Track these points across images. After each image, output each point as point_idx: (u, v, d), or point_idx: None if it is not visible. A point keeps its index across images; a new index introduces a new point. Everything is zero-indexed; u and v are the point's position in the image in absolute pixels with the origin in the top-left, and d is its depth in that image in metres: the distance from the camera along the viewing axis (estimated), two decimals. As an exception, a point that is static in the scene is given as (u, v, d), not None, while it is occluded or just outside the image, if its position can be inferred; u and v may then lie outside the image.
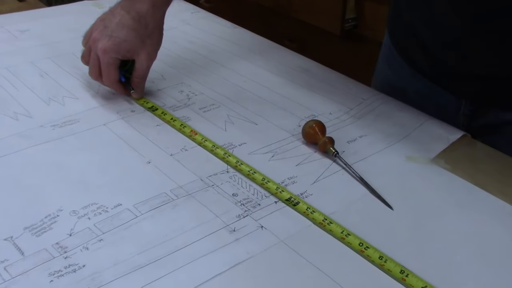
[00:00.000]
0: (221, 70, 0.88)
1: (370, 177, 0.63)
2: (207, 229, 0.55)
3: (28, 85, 0.82)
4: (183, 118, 0.74)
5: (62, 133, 0.70)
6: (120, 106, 0.77)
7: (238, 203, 0.59)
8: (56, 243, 0.53)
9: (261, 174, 0.63)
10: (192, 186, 0.61)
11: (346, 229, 0.55)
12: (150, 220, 0.56)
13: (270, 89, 0.83)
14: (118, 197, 0.59)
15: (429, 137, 0.72)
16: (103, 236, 0.54)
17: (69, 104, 0.77)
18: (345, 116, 0.76)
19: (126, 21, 0.73)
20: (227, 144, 0.69)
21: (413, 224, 0.57)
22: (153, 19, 0.74)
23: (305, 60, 0.92)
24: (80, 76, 0.84)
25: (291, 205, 0.58)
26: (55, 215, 0.56)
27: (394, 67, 0.86)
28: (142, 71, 0.76)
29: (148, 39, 0.74)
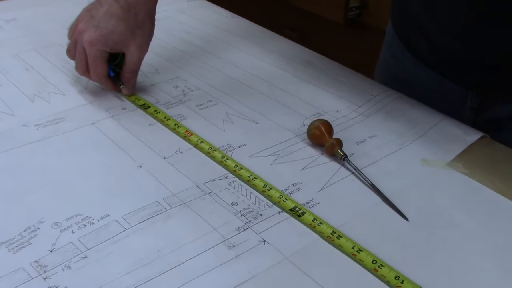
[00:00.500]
0: (219, 63, 0.82)
1: (382, 183, 0.58)
2: (203, 244, 0.49)
3: (12, 80, 0.76)
4: (178, 116, 0.69)
5: (46, 134, 0.64)
6: (110, 103, 0.71)
7: (238, 214, 0.53)
8: (35, 261, 0.47)
9: (263, 180, 0.57)
10: (187, 194, 0.55)
11: (358, 244, 0.50)
12: (140, 234, 0.50)
13: (272, 83, 0.77)
14: (105, 207, 0.53)
15: (445, 138, 0.66)
16: (88, 252, 0.48)
17: (55, 100, 0.71)
18: (353, 114, 0.70)
19: (115, 10, 0.67)
20: (226, 146, 0.63)
21: (430, 237, 0.52)
22: (144, 8, 0.68)
23: (308, 52, 0.87)
24: (68, 70, 0.78)
25: (296, 216, 0.53)
26: (35, 228, 0.51)
27: (397, 56, 0.81)
28: (133, 65, 0.70)
29: (138, 30, 0.68)
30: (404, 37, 0.79)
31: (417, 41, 0.75)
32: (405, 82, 0.79)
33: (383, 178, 0.59)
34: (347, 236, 0.51)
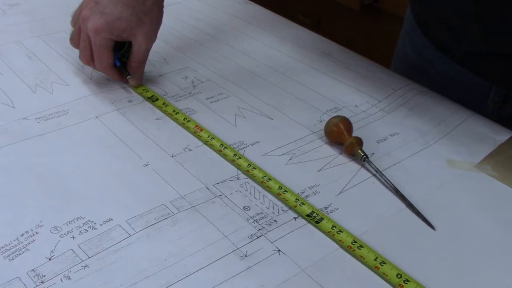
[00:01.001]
0: (231, 53, 0.78)
1: (406, 187, 0.54)
2: (213, 254, 0.46)
3: (13, 69, 0.72)
4: (187, 110, 0.65)
5: (47, 128, 0.61)
6: (116, 95, 0.67)
7: (251, 219, 0.49)
8: (32, 269, 0.44)
9: (277, 182, 0.53)
10: (196, 196, 0.52)
11: (381, 255, 0.46)
12: (145, 241, 0.47)
13: (287, 76, 0.73)
14: (108, 210, 0.50)
15: (472, 137, 0.62)
16: (89, 261, 0.45)
17: (58, 91, 0.68)
18: (373, 110, 0.66)
19: None
20: (238, 143, 0.59)
21: (459, 249, 0.48)
22: None
23: (326, 42, 0.82)
24: (72, 58, 0.74)
25: (313, 223, 0.49)
26: (33, 233, 0.47)
27: (416, 46, 0.76)
28: (140, 54, 0.66)
29: (146, 17, 0.64)
30: (424, 25, 0.74)
31: (439, 29, 0.70)
32: (424, 72, 0.75)
33: (407, 181, 0.54)
34: (369, 246, 0.47)
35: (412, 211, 0.51)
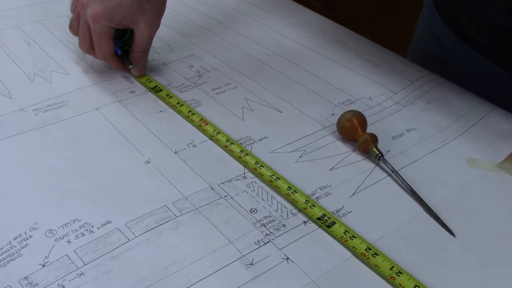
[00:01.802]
0: (238, 40, 0.74)
1: (423, 188, 0.50)
2: (217, 261, 0.43)
3: (11, 56, 0.69)
4: (192, 102, 0.61)
5: (45, 120, 0.58)
6: (118, 85, 0.64)
7: (258, 223, 0.46)
8: (24, 277, 0.41)
9: (287, 182, 0.50)
10: (200, 197, 0.49)
11: (397, 265, 0.43)
12: (145, 247, 0.44)
13: (297, 65, 0.69)
14: (107, 212, 0.47)
15: (493, 133, 0.58)
16: (85, 268, 0.42)
17: (57, 80, 0.64)
18: (388, 102, 0.62)
19: None
20: (245, 138, 0.56)
21: (483, 258, 0.44)
22: None
23: (339, 29, 0.78)
24: (73, 45, 0.71)
25: (325, 227, 0.46)
26: (27, 236, 0.45)
27: (436, 33, 0.72)
28: (143, 43, 0.62)
29: (148, 4, 0.60)
30: (443, 10, 0.70)
31: (460, 16, 0.66)
32: (443, 62, 0.71)
33: (424, 182, 0.51)
34: (385, 254, 0.44)
35: (430, 216, 0.48)
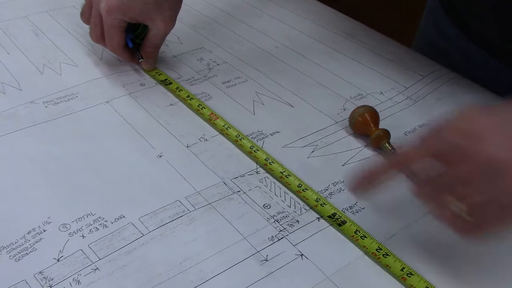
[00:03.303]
0: (248, 32, 0.74)
1: (436, 185, 0.50)
2: (231, 257, 0.43)
3: (20, 47, 0.68)
4: (202, 95, 0.61)
5: (55, 113, 0.57)
6: (128, 77, 0.64)
7: (271, 219, 0.46)
8: (39, 272, 0.41)
9: (297, 179, 0.50)
10: (213, 192, 0.49)
11: (408, 266, 0.42)
12: (159, 242, 0.44)
13: (307, 58, 0.68)
14: (120, 206, 0.47)
15: None
16: (99, 263, 0.42)
17: (67, 73, 0.64)
18: (399, 97, 0.62)
19: None
20: (256, 133, 0.56)
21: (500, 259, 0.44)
22: None
23: (348, 21, 0.77)
24: (82, 36, 0.70)
25: (336, 225, 0.46)
26: (40, 230, 0.45)
27: (439, 24, 0.72)
28: (157, 40, 0.62)
29: (165, 1, 0.59)
30: (445, 2, 0.69)
31: (460, 7, 0.66)
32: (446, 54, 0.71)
33: (437, 178, 0.51)
34: (395, 254, 0.43)
35: (443, 213, 0.48)
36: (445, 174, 0.36)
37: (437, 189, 0.37)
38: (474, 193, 0.34)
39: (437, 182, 0.37)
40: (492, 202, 0.34)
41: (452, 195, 0.35)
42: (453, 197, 0.35)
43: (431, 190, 0.37)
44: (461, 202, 0.35)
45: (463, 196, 0.35)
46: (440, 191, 0.36)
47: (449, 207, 0.36)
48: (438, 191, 0.37)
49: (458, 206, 0.35)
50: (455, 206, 0.35)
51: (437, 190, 0.37)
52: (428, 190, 0.38)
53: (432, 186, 0.37)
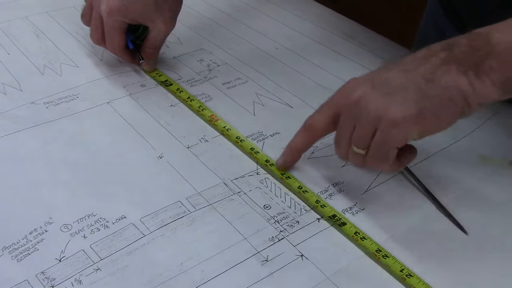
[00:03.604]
0: (248, 33, 0.74)
1: (435, 186, 0.51)
2: (232, 258, 0.43)
3: (20, 48, 0.69)
4: (202, 96, 0.61)
5: (56, 114, 0.58)
6: (128, 78, 0.64)
7: (272, 220, 0.47)
8: (41, 272, 0.41)
9: (297, 180, 0.50)
10: (213, 193, 0.49)
11: (407, 267, 0.43)
12: (160, 242, 0.44)
13: (308, 59, 0.69)
14: (121, 207, 0.47)
15: (505, 130, 0.58)
16: (101, 263, 0.42)
17: (68, 73, 0.64)
18: (399, 98, 0.62)
19: None
20: (256, 134, 0.56)
21: (498, 258, 0.45)
22: None
23: (348, 22, 0.78)
24: (82, 37, 0.71)
25: (336, 226, 0.46)
26: (42, 230, 0.45)
27: (439, 26, 0.72)
28: (157, 41, 0.62)
29: (165, 2, 0.60)
30: (445, 2, 0.70)
31: (459, 8, 0.67)
32: None
33: (436, 180, 0.51)
34: (394, 254, 0.44)
35: (442, 213, 0.48)
36: (339, 130, 0.46)
37: (341, 143, 0.46)
38: (359, 130, 0.44)
39: (338, 139, 0.47)
40: (371, 130, 0.43)
41: (350, 142, 0.45)
42: (351, 143, 0.45)
43: (338, 146, 0.47)
44: (354, 144, 0.45)
45: (354, 137, 0.44)
46: (343, 144, 0.46)
47: (352, 151, 0.45)
48: (342, 145, 0.46)
49: (355, 148, 0.45)
50: (355, 149, 0.45)
51: (341, 144, 0.46)
52: (337, 147, 0.47)
53: (338, 144, 0.47)
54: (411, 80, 0.42)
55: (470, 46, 0.41)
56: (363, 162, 0.45)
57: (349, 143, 0.45)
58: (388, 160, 0.44)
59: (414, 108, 0.41)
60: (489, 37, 0.40)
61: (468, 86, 0.40)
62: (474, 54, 0.40)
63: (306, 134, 0.49)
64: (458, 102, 0.41)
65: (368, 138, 0.43)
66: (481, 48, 0.40)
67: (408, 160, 0.46)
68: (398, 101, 0.41)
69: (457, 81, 0.40)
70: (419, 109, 0.41)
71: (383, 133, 0.42)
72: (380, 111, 0.42)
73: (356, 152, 0.45)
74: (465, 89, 0.40)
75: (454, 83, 0.40)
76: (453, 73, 0.41)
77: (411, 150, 0.47)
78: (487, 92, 0.40)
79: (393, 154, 0.43)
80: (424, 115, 0.41)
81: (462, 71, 0.40)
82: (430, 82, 0.41)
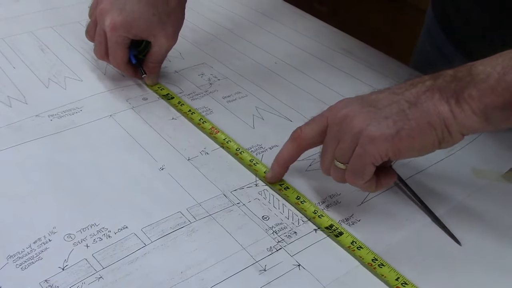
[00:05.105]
0: (248, 48, 0.76)
1: (430, 198, 0.52)
2: (231, 267, 0.44)
3: (26, 61, 0.70)
4: (203, 109, 0.63)
5: (60, 126, 0.59)
6: (131, 92, 0.65)
7: (270, 230, 0.48)
8: (45, 280, 0.43)
9: (296, 191, 0.52)
10: (213, 204, 0.50)
11: (402, 276, 0.44)
12: (161, 252, 0.45)
13: (306, 74, 0.70)
14: (123, 217, 0.48)
15: (499, 144, 0.60)
16: (103, 272, 0.43)
17: (72, 87, 0.66)
18: (395, 112, 0.64)
19: None
20: (256, 147, 0.58)
21: (490, 267, 0.46)
22: None
23: (346, 38, 0.79)
24: (86, 51, 0.72)
25: (333, 236, 0.47)
26: (46, 240, 0.46)
27: (437, 42, 0.73)
28: (160, 56, 0.64)
29: (168, 18, 0.61)
30: (441, 20, 0.71)
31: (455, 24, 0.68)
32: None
33: (431, 192, 0.53)
34: (390, 264, 0.45)
35: (436, 224, 0.49)
36: (325, 143, 0.48)
37: (325, 157, 0.48)
38: (341, 145, 0.46)
39: (323, 153, 0.48)
40: (352, 146, 0.45)
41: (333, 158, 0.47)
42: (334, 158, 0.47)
43: (322, 160, 0.49)
44: (336, 158, 0.46)
45: (336, 152, 0.46)
46: (327, 158, 0.48)
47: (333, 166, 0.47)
48: (326, 158, 0.48)
49: (336, 163, 0.47)
50: (336, 163, 0.47)
51: (325, 158, 0.48)
52: (321, 161, 0.49)
53: (322, 157, 0.48)
54: (396, 102, 0.44)
55: (454, 76, 0.43)
56: (342, 177, 0.47)
57: (332, 157, 0.47)
58: (364, 176, 0.45)
59: (393, 127, 0.43)
60: (472, 69, 0.42)
61: (449, 113, 0.42)
62: (456, 83, 0.42)
63: (292, 144, 0.50)
64: (437, 127, 0.42)
65: (349, 153, 0.45)
66: (463, 78, 0.42)
67: (385, 183, 0.48)
68: (379, 120, 0.43)
69: (439, 108, 0.42)
70: (397, 129, 0.43)
71: (360, 148, 0.44)
72: (361, 127, 0.44)
73: (337, 167, 0.46)
74: (446, 116, 0.42)
75: (435, 109, 0.42)
76: (436, 99, 0.42)
77: (391, 174, 0.48)
78: (467, 120, 0.42)
79: (369, 171, 0.45)
80: (400, 135, 0.43)
81: (444, 99, 0.42)
82: (413, 105, 0.43)
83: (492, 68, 0.41)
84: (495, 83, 0.40)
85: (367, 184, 0.46)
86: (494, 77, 0.40)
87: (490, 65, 0.41)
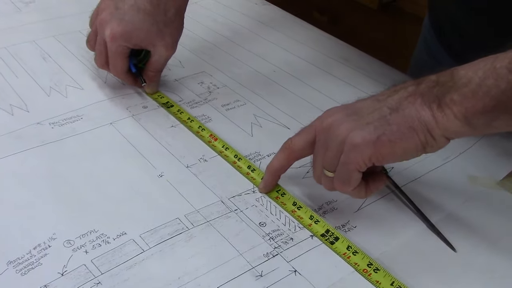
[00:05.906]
0: (247, 56, 0.77)
1: (426, 205, 0.52)
2: (228, 273, 0.45)
3: (28, 70, 0.71)
4: (202, 117, 0.64)
5: (61, 134, 0.60)
6: (131, 100, 0.66)
7: (266, 237, 0.48)
8: (44, 285, 0.43)
9: (292, 197, 0.52)
10: (211, 211, 0.51)
11: (398, 280, 0.44)
12: (159, 257, 0.46)
13: (305, 82, 0.71)
14: (122, 223, 0.49)
15: (494, 151, 0.60)
16: (102, 277, 0.44)
17: (73, 95, 0.67)
18: (392, 120, 0.64)
19: (143, 4, 0.61)
20: (254, 154, 0.58)
21: (484, 273, 0.46)
22: (174, 4, 0.62)
23: (345, 46, 0.80)
24: (87, 60, 0.73)
25: (328, 243, 0.48)
26: (46, 246, 0.47)
27: (434, 52, 0.74)
28: (159, 65, 0.65)
29: (167, 28, 0.62)
30: (437, 30, 0.72)
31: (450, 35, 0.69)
32: None
33: (427, 199, 0.53)
34: (386, 269, 0.45)
35: (432, 231, 0.50)
36: (314, 153, 0.49)
37: (315, 167, 0.49)
38: (328, 153, 0.46)
39: (313, 162, 0.49)
40: (338, 154, 0.45)
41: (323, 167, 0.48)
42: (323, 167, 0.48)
43: (313, 169, 0.49)
44: (324, 167, 0.47)
45: (324, 160, 0.47)
46: (317, 167, 0.48)
47: (323, 175, 0.48)
48: (317, 167, 0.49)
49: (325, 171, 0.47)
50: (325, 172, 0.47)
51: (316, 167, 0.49)
52: (313, 170, 0.49)
53: (313, 167, 0.49)
54: (378, 109, 0.45)
55: (436, 81, 0.43)
56: (332, 185, 0.48)
57: (322, 166, 0.47)
58: (350, 182, 0.46)
59: (374, 133, 0.43)
60: (454, 73, 0.42)
61: (431, 117, 0.42)
62: (439, 88, 0.43)
63: (282, 155, 0.51)
64: (419, 132, 0.43)
65: (335, 161, 0.46)
66: (446, 83, 0.43)
67: (375, 189, 0.48)
68: (360, 126, 0.44)
69: (420, 112, 0.43)
70: (378, 134, 0.43)
71: (344, 156, 0.45)
72: (344, 135, 0.45)
73: (326, 175, 0.47)
74: (427, 120, 0.42)
75: (416, 113, 0.43)
76: (417, 104, 0.43)
77: (381, 178, 0.49)
78: (449, 124, 0.42)
79: (355, 178, 0.46)
80: (381, 140, 0.43)
81: (426, 103, 0.43)
82: (395, 111, 0.44)
83: (473, 73, 0.41)
84: (476, 87, 0.41)
85: (356, 191, 0.47)
86: (475, 82, 0.41)
87: (472, 70, 0.42)
